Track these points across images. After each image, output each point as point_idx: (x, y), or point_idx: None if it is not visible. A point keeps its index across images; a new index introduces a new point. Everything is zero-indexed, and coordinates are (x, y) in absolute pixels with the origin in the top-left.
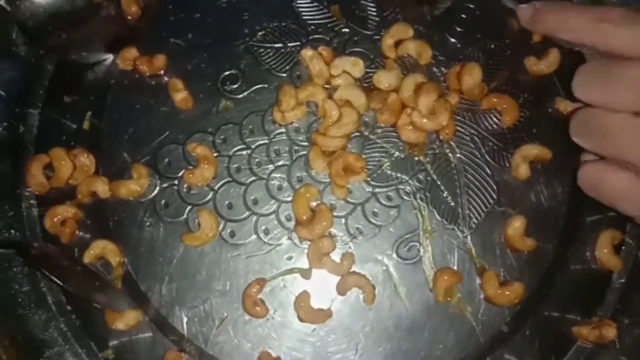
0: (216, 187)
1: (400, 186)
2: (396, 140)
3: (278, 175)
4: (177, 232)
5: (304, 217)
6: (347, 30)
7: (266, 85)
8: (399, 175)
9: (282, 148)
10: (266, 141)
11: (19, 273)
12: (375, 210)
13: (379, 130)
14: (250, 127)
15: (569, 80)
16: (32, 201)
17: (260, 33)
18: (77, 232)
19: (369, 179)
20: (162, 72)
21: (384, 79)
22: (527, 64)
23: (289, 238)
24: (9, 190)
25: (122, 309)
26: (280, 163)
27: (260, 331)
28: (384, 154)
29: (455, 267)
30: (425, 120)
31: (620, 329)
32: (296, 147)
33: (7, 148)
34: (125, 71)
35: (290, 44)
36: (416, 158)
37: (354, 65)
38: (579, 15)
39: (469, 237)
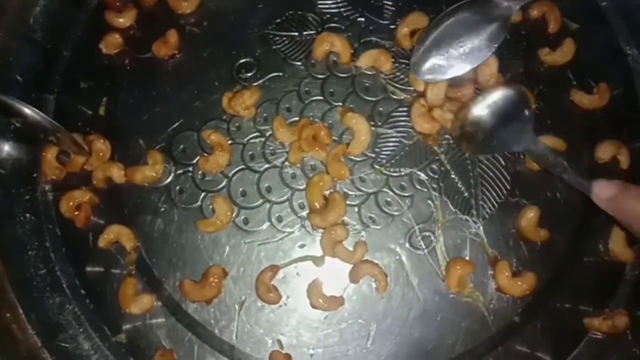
0: (230, 174)
1: (414, 176)
2: (410, 130)
3: None
4: (192, 219)
5: (318, 205)
6: (362, 19)
7: (281, 74)
8: (412, 165)
9: None
10: None
11: (34, 256)
12: (389, 199)
13: (392, 120)
14: (265, 115)
15: (583, 72)
16: (47, 185)
17: (275, 21)
18: (91, 217)
19: (382, 168)
20: (177, 51)
21: None
22: (541, 54)
23: (302, 226)
24: (25, 174)
25: None
26: None
27: (272, 317)
28: (397, 144)
29: (468, 257)
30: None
31: (632, 321)
32: None
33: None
34: (142, 58)
35: (305, 33)
36: (430, 148)
37: None
38: None
39: (482, 227)
